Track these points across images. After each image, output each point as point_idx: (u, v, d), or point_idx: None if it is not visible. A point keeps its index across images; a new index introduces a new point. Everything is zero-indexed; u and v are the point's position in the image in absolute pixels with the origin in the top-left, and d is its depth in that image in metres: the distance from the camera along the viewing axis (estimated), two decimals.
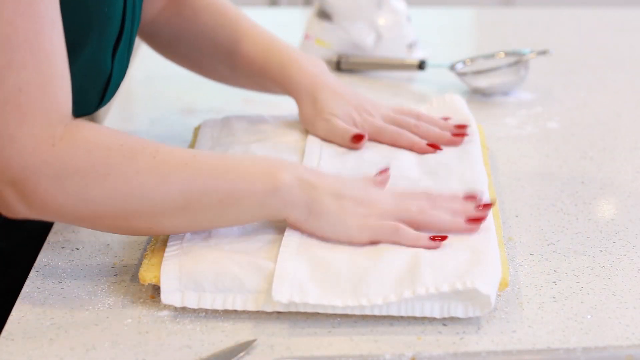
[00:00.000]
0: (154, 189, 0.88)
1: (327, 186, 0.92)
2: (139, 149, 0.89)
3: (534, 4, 2.68)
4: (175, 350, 0.84)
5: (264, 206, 0.91)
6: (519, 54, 1.41)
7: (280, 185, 0.90)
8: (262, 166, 0.91)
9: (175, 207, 0.89)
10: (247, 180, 0.90)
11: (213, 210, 0.90)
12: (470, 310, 0.86)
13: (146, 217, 0.89)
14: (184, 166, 0.89)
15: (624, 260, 0.97)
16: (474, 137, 1.15)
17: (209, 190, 0.89)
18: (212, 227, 0.93)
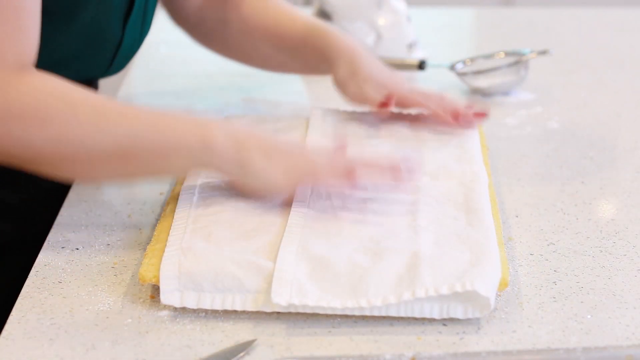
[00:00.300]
0: (92, 137, 0.93)
1: (257, 143, 0.96)
2: (82, 99, 0.94)
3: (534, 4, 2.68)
4: (175, 350, 0.84)
5: (196, 160, 0.96)
6: (519, 54, 1.41)
7: (212, 141, 0.95)
8: (196, 123, 0.96)
9: (111, 155, 0.94)
10: (180, 135, 0.95)
11: (147, 161, 0.95)
12: (469, 312, 0.86)
13: (84, 164, 0.94)
14: (123, 118, 0.94)
15: (624, 260, 0.97)
16: (474, 137, 1.15)
17: (144, 142, 0.94)
18: (147, 176, 1.00)
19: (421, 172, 1.05)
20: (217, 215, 0.97)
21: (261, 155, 0.96)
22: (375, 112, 1.18)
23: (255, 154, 0.96)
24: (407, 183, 1.01)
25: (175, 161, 0.96)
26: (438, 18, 1.86)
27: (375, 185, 1.01)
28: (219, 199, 1.00)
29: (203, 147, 0.95)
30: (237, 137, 0.96)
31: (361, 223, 0.96)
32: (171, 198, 1.03)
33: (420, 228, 0.95)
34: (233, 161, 0.96)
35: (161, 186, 1.12)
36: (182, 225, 0.96)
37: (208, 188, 1.03)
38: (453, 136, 1.14)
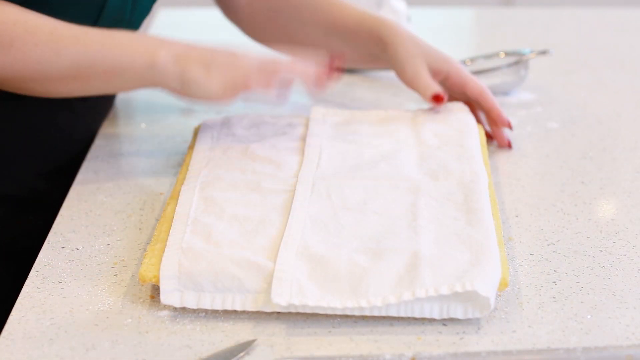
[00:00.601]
0: (50, 59, 1.04)
1: (196, 56, 1.06)
2: (40, 25, 1.04)
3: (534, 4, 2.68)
4: (175, 350, 0.84)
5: (144, 78, 1.06)
6: (519, 54, 1.41)
7: (157, 60, 1.05)
8: (143, 43, 1.07)
9: (68, 75, 1.06)
10: (128, 55, 1.05)
11: (100, 79, 1.07)
12: (469, 312, 0.86)
13: (43, 82, 1.07)
14: (77, 41, 1.05)
15: (624, 260, 0.97)
16: (474, 136, 1.15)
17: (96, 63, 1.05)
18: (101, 92, 1.10)
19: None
20: (217, 215, 0.97)
21: (199, 68, 1.06)
22: (428, 101, 1.21)
23: (194, 66, 1.06)
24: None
25: (125, 80, 1.07)
26: (438, 18, 1.86)
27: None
28: (219, 199, 1.00)
29: (148, 67, 1.05)
30: (177, 53, 1.06)
31: (361, 223, 0.96)
32: (171, 198, 1.03)
33: (420, 228, 0.95)
34: (174, 76, 1.06)
35: (161, 186, 1.12)
36: (182, 225, 0.96)
37: (208, 188, 1.03)
38: (453, 136, 1.14)
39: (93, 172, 1.16)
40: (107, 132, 1.28)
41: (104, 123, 1.30)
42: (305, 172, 1.06)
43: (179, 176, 1.08)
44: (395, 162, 1.08)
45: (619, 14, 1.85)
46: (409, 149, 1.11)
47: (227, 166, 1.08)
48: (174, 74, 1.06)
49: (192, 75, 1.06)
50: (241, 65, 1.07)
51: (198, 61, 1.06)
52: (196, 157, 1.11)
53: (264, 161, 1.09)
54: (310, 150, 1.11)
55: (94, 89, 1.09)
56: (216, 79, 1.06)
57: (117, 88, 1.11)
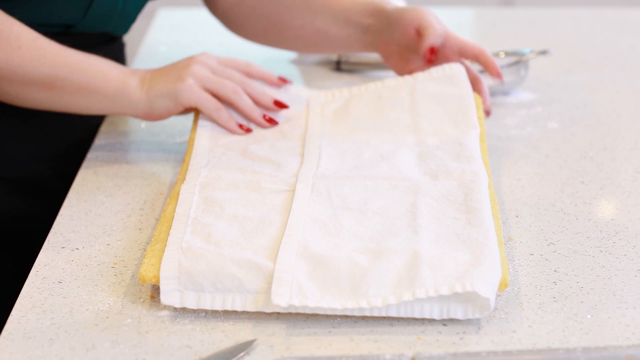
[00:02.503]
0: (29, 63, 1.09)
1: (158, 73, 1.13)
2: (24, 30, 1.10)
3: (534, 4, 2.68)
4: (175, 350, 0.84)
5: (113, 101, 1.12)
6: (519, 54, 1.41)
7: (128, 84, 1.12)
8: (116, 69, 1.13)
9: (42, 83, 1.10)
10: (103, 77, 1.11)
11: (72, 94, 1.12)
12: (469, 312, 0.86)
13: (18, 85, 1.11)
14: (57, 52, 1.11)
15: (624, 260, 0.97)
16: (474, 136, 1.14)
17: (72, 76, 1.11)
18: (69, 109, 1.14)
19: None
20: (217, 215, 0.97)
21: (161, 82, 1.12)
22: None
23: (156, 81, 1.12)
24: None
25: (96, 99, 1.12)
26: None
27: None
28: (219, 199, 1.00)
29: (121, 89, 1.12)
30: (142, 76, 1.13)
31: (361, 223, 0.96)
32: (171, 198, 1.03)
33: (420, 228, 0.95)
34: (142, 96, 1.12)
35: (161, 186, 1.12)
36: (182, 225, 0.96)
37: (208, 188, 1.03)
38: (453, 135, 1.14)
39: (93, 172, 1.16)
40: (107, 132, 1.28)
41: (104, 123, 1.30)
42: (305, 172, 1.06)
43: (179, 176, 1.08)
44: (395, 162, 1.08)
45: (619, 14, 1.85)
46: (409, 149, 1.11)
47: (227, 166, 1.08)
48: (141, 95, 1.12)
49: (156, 89, 1.12)
50: (200, 61, 1.13)
51: (160, 76, 1.13)
52: (196, 157, 1.11)
53: (264, 161, 1.09)
54: (310, 150, 1.11)
55: (64, 104, 1.13)
56: (182, 82, 1.12)
57: (85, 107, 1.14)
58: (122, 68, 1.13)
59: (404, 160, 1.09)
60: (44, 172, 1.22)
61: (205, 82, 1.13)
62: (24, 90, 1.11)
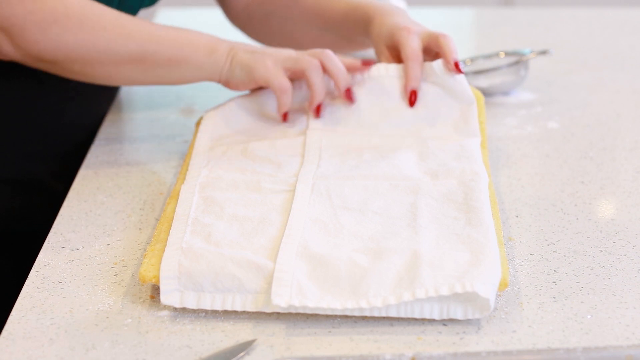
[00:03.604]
0: (117, 42, 1.10)
1: (245, 46, 1.14)
2: (105, 9, 1.11)
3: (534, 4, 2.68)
4: (175, 350, 0.84)
5: (203, 69, 1.13)
6: (519, 54, 1.41)
7: (216, 49, 1.13)
8: (204, 37, 1.14)
9: (132, 59, 1.11)
10: (192, 47, 1.13)
11: (162, 67, 1.12)
12: (469, 312, 0.86)
13: (108, 65, 1.11)
14: (142, 28, 1.11)
15: (624, 260, 0.97)
16: (474, 135, 1.14)
17: (161, 50, 1.11)
18: (160, 82, 1.16)
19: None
20: (217, 215, 0.97)
21: (247, 53, 1.13)
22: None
23: (242, 52, 1.13)
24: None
25: (185, 68, 1.13)
26: (438, 18, 1.86)
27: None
28: (219, 199, 1.00)
29: (209, 54, 1.12)
30: (232, 45, 1.14)
31: (361, 223, 0.96)
32: (171, 198, 1.03)
33: (420, 228, 0.95)
34: (227, 63, 1.13)
35: (161, 186, 1.12)
36: (182, 225, 0.96)
37: (208, 188, 1.03)
38: (453, 135, 1.14)
39: (93, 172, 1.16)
40: (107, 132, 1.28)
41: (104, 123, 1.30)
42: (305, 172, 1.06)
43: (179, 176, 1.08)
44: (395, 162, 1.08)
45: (619, 14, 1.85)
46: (409, 149, 1.11)
47: (227, 166, 1.08)
48: (226, 62, 1.13)
49: (239, 59, 1.12)
50: (285, 52, 1.14)
51: (246, 50, 1.13)
52: (196, 157, 1.11)
53: (264, 161, 1.09)
54: (310, 150, 1.11)
55: (156, 77, 1.14)
56: (263, 58, 1.12)
57: (175, 78, 1.14)
58: (209, 35, 1.14)
59: (404, 160, 1.09)
60: (44, 173, 1.22)
61: (284, 62, 1.13)
62: (116, 69, 1.12)
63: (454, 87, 1.17)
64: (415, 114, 1.16)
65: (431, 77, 1.17)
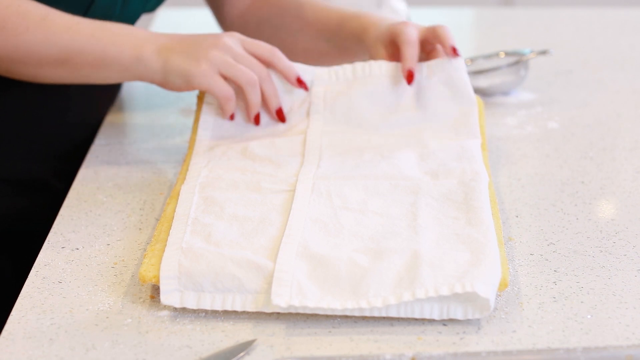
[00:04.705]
0: (39, 44, 1.08)
1: (179, 47, 1.10)
2: (32, 10, 1.09)
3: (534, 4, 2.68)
4: (175, 350, 0.84)
5: (129, 70, 1.10)
6: (519, 54, 1.41)
7: (143, 54, 1.09)
8: (131, 36, 1.10)
9: (56, 61, 1.09)
10: (117, 47, 1.09)
11: (87, 68, 1.11)
12: (469, 313, 0.86)
13: (33, 66, 1.10)
14: (67, 29, 1.09)
15: (624, 260, 0.97)
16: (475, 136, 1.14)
17: (85, 51, 1.09)
18: (90, 81, 1.14)
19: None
20: (217, 215, 0.97)
21: (180, 56, 1.09)
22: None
23: (175, 56, 1.09)
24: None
25: (111, 71, 1.11)
26: (438, 18, 1.85)
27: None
28: (219, 199, 1.00)
29: (135, 60, 1.09)
30: (161, 45, 1.10)
31: (361, 223, 0.96)
32: (171, 198, 1.03)
33: (420, 228, 0.95)
34: (158, 68, 1.09)
35: (161, 186, 1.12)
36: (182, 225, 0.96)
37: (208, 188, 1.03)
38: (454, 136, 1.14)
39: (93, 172, 1.16)
40: (107, 132, 1.28)
41: (104, 123, 1.30)
42: (305, 172, 1.06)
43: (179, 176, 1.08)
44: (395, 162, 1.08)
45: (619, 14, 1.85)
46: (409, 149, 1.11)
47: (227, 166, 1.08)
48: (157, 66, 1.09)
49: (173, 64, 1.09)
50: (223, 45, 1.10)
51: (179, 51, 1.09)
52: (196, 157, 1.11)
53: (264, 161, 1.09)
54: (310, 150, 1.11)
55: (82, 77, 1.12)
56: (196, 65, 1.09)
57: (103, 78, 1.12)
58: (137, 34, 1.11)
59: (405, 160, 1.08)
60: (44, 173, 1.22)
61: (222, 68, 1.10)
62: (41, 70, 1.11)
63: (456, 85, 1.16)
64: (416, 114, 1.16)
65: (432, 76, 1.17)
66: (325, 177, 1.05)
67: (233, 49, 1.10)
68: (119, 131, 1.29)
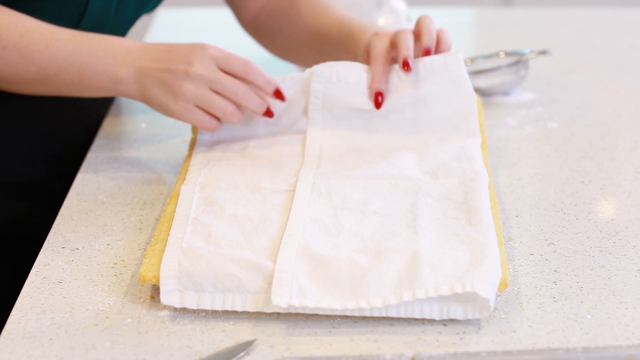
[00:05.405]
0: (17, 63, 1.08)
1: (156, 74, 1.08)
2: (11, 28, 1.07)
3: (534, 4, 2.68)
4: (175, 350, 0.84)
5: (109, 92, 1.10)
6: (519, 54, 1.41)
7: (119, 77, 1.08)
8: (108, 58, 1.09)
9: (35, 79, 1.09)
10: (94, 68, 1.08)
11: (67, 87, 1.10)
12: (469, 313, 0.86)
13: (13, 83, 1.10)
14: (45, 49, 1.08)
15: (624, 260, 0.97)
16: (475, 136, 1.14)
17: (62, 72, 1.08)
18: (73, 96, 1.13)
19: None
20: (217, 215, 0.97)
21: (158, 88, 1.08)
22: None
23: (153, 87, 1.08)
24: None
25: (90, 90, 1.10)
26: (438, 18, 1.85)
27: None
28: (219, 199, 1.00)
29: (112, 82, 1.09)
30: (138, 68, 1.09)
31: (361, 223, 0.96)
32: (171, 198, 1.03)
33: (420, 228, 0.95)
34: (136, 92, 1.09)
35: (161, 186, 1.12)
36: (182, 225, 0.96)
37: (208, 188, 1.03)
38: (454, 135, 1.14)
39: (93, 172, 1.16)
40: (107, 132, 1.28)
41: (104, 123, 1.30)
42: (305, 171, 1.06)
43: (179, 176, 1.08)
44: (395, 161, 1.08)
45: (619, 14, 1.85)
46: (409, 149, 1.11)
47: (227, 166, 1.08)
48: (135, 92, 1.10)
49: (152, 94, 1.09)
50: (195, 76, 1.08)
51: (156, 79, 1.08)
52: (196, 157, 1.11)
53: (264, 161, 1.09)
54: (310, 150, 1.11)
55: (65, 93, 1.12)
56: (174, 100, 1.08)
57: (84, 95, 1.12)
58: (116, 52, 1.09)
59: (405, 160, 1.08)
60: (41, 176, 1.22)
61: (198, 102, 1.08)
62: (22, 87, 1.11)
63: (456, 81, 1.14)
64: (416, 114, 1.16)
65: (430, 75, 1.16)
66: (325, 177, 1.05)
67: (206, 77, 1.08)
68: (119, 131, 1.29)
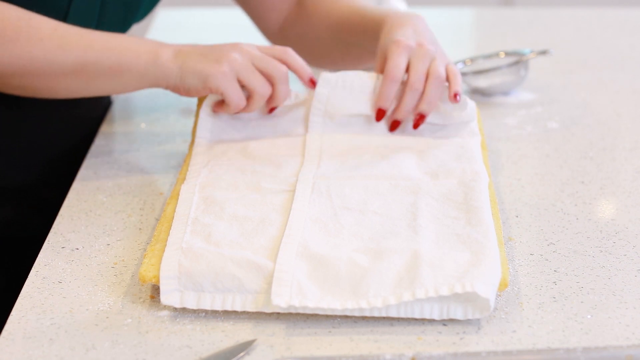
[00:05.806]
0: (55, 52, 1.06)
1: (195, 50, 1.09)
2: (43, 21, 1.07)
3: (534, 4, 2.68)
4: (175, 350, 0.84)
5: (146, 75, 1.08)
6: (519, 54, 1.41)
7: (160, 56, 1.08)
8: (144, 43, 1.09)
9: (71, 71, 1.07)
10: (133, 52, 1.08)
11: (103, 77, 1.08)
12: (469, 313, 0.86)
13: (46, 78, 1.08)
14: (81, 38, 1.07)
15: (624, 260, 0.97)
16: (474, 136, 1.14)
17: (101, 59, 1.07)
18: (104, 92, 1.12)
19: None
20: (217, 215, 0.97)
21: (197, 58, 1.08)
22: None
23: (192, 57, 1.08)
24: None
25: (128, 78, 1.08)
26: (438, 18, 1.86)
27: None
28: (218, 199, 1.00)
29: (152, 63, 1.08)
30: (177, 49, 1.09)
31: (361, 223, 0.96)
32: (171, 198, 1.03)
33: (420, 228, 0.95)
34: (175, 70, 1.08)
35: (161, 186, 1.12)
36: (182, 225, 0.96)
37: (208, 188, 1.03)
38: (454, 136, 1.14)
39: (93, 172, 1.16)
40: (107, 132, 1.28)
41: (103, 123, 1.30)
42: (305, 171, 1.06)
43: (179, 176, 1.08)
44: (395, 161, 1.08)
45: (619, 14, 1.85)
46: (409, 149, 1.11)
47: (227, 166, 1.08)
48: (174, 67, 1.08)
49: (190, 65, 1.08)
50: (242, 49, 1.09)
51: (197, 54, 1.08)
52: (196, 157, 1.11)
53: (264, 161, 1.09)
54: (310, 150, 1.11)
55: (96, 89, 1.10)
56: (217, 66, 1.07)
57: (118, 87, 1.11)
58: (151, 42, 1.10)
59: (405, 160, 1.09)
60: (35, 181, 1.21)
61: (241, 72, 1.08)
62: (56, 81, 1.08)
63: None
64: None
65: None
66: (325, 177, 1.05)
67: (251, 53, 1.09)
68: (119, 131, 1.29)
